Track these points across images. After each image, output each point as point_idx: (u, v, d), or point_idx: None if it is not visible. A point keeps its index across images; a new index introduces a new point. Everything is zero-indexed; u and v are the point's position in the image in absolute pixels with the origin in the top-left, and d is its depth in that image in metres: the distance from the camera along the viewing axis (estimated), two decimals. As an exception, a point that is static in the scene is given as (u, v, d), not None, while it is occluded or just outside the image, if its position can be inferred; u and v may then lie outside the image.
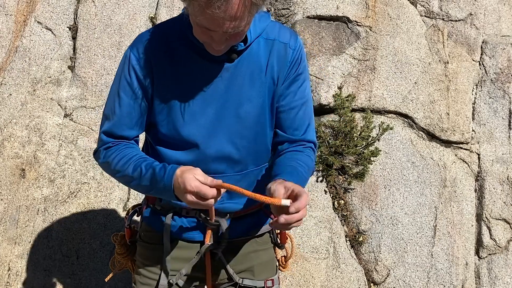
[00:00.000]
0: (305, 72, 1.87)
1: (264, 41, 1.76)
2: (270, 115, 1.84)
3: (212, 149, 1.78)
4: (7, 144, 3.26)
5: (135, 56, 1.73)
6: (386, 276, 3.65)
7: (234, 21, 1.46)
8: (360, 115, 3.79)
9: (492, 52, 4.19)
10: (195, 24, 1.54)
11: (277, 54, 1.78)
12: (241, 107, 1.77)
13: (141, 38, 1.75)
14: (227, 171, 1.83)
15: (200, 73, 1.73)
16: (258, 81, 1.77)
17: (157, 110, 1.77)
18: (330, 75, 3.85)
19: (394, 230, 3.70)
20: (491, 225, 3.91)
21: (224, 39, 1.55)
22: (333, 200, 3.71)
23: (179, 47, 1.72)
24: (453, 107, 4.01)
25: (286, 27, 1.85)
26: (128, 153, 1.78)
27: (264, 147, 1.90)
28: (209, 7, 1.41)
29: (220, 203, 1.85)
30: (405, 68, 3.95)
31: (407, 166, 3.83)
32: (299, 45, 1.82)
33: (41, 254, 3.18)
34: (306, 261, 3.52)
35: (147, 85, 1.74)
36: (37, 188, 3.25)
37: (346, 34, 3.94)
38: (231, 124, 1.78)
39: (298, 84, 1.85)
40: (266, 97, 1.80)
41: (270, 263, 2.07)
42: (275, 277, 2.05)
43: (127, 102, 1.76)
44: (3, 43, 3.42)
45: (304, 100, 1.88)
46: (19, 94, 3.36)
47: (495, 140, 4.07)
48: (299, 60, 1.82)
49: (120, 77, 1.76)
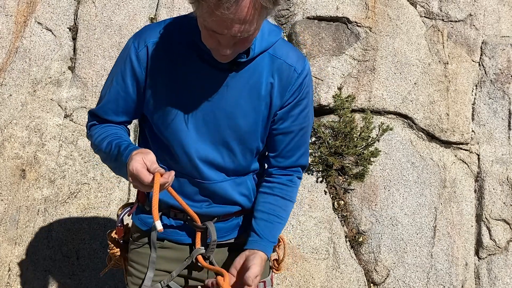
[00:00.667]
0: (309, 98, 1.83)
1: (270, 57, 1.72)
2: (263, 133, 1.82)
3: (197, 153, 1.77)
4: (7, 144, 3.27)
5: (135, 48, 1.71)
6: (386, 276, 3.66)
7: (243, 24, 1.43)
8: (360, 116, 3.80)
9: (492, 52, 4.20)
10: (203, 27, 1.51)
11: (280, 75, 1.74)
12: (233, 119, 1.75)
13: (146, 30, 1.74)
14: (213, 177, 1.83)
15: (198, 77, 1.70)
16: (256, 97, 1.74)
17: (150, 105, 1.76)
18: (330, 76, 3.85)
19: (394, 230, 3.71)
20: (491, 225, 3.92)
21: (232, 43, 1.51)
22: (333, 201, 3.72)
23: (181, 47, 1.70)
24: (452, 108, 4.02)
25: (295, 48, 1.81)
26: (107, 130, 1.81)
27: (251, 161, 1.90)
28: (218, 8, 1.38)
29: (207, 206, 1.87)
30: (405, 68, 3.96)
31: (407, 167, 3.84)
32: (306, 70, 1.78)
33: (41, 255, 3.19)
34: (306, 261, 3.52)
35: (141, 79, 1.73)
36: (37, 189, 3.25)
37: (346, 34, 3.95)
38: (220, 133, 1.76)
39: (300, 109, 1.81)
40: (261, 115, 1.77)
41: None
42: (267, 279, 2.04)
43: (116, 90, 1.77)
44: (3, 44, 3.43)
45: (304, 125, 1.86)
46: (20, 94, 3.37)
47: (494, 140, 4.08)
48: (304, 85, 1.78)
49: (118, 64, 1.77)
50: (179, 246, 1.94)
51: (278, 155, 1.89)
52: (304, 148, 1.92)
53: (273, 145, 1.88)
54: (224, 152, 1.80)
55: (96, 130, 1.83)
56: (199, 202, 1.86)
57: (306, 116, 1.84)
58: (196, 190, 1.84)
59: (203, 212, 1.87)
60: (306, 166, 1.98)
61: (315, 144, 3.69)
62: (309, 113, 1.86)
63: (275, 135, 1.85)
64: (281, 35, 1.74)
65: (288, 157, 1.89)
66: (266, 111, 1.77)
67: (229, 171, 1.85)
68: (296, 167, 1.93)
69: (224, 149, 1.80)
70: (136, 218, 1.97)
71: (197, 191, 1.85)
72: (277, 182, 1.91)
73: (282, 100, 1.77)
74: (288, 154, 1.88)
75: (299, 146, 1.89)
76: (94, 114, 1.86)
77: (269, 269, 2.09)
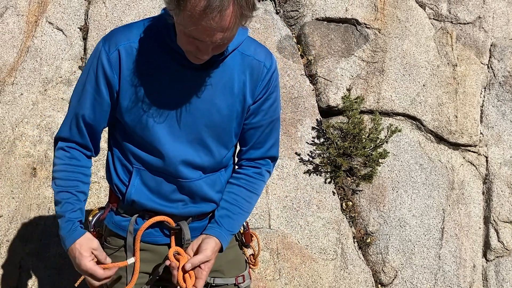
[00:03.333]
0: (277, 92, 1.89)
1: (240, 55, 1.76)
2: (237, 129, 1.86)
3: (174, 152, 1.79)
4: (19, 143, 3.29)
5: (106, 52, 1.70)
6: (394, 277, 3.66)
7: (225, 32, 1.47)
8: (369, 117, 3.81)
9: (501, 55, 4.20)
10: (182, 33, 1.53)
11: (251, 71, 1.78)
12: (209, 116, 1.78)
13: (115, 34, 1.73)
14: (190, 175, 1.85)
15: (172, 78, 1.72)
16: (229, 94, 1.77)
17: (123, 108, 1.76)
18: (339, 77, 3.86)
19: (401, 231, 3.71)
20: (499, 227, 3.92)
21: (210, 49, 1.55)
22: (341, 202, 3.72)
23: (153, 48, 1.71)
24: (461, 110, 4.02)
25: (262, 45, 1.86)
26: (68, 176, 1.82)
27: (228, 157, 1.94)
28: (203, 19, 1.41)
29: (183, 207, 1.89)
30: (414, 70, 3.97)
31: (415, 168, 3.84)
32: (274, 64, 1.84)
33: (51, 252, 3.21)
34: (314, 261, 3.53)
35: (113, 83, 1.72)
36: (48, 187, 3.27)
37: (355, 36, 3.96)
38: (196, 131, 1.79)
39: (270, 103, 1.87)
40: (235, 111, 1.81)
41: (237, 260, 2.10)
42: (245, 273, 2.08)
43: (91, 95, 1.74)
44: (15, 43, 3.45)
45: (274, 118, 1.91)
46: (30, 93, 3.39)
47: (503, 143, 4.08)
48: (272, 79, 1.83)
49: (89, 69, 1.75)
50: (156, 247, 1.95)
51: (249, 148, 1.94)
52: (274, 140, 1.97)
53: (244, 138, 1.93)
54: (200, 150, 1.83)
55: (59, 162, 1.84)
56: (175, 202, 1.88)
57: (276, 109, 1.91)
58: (173, 188, 1.86)
59: (178, 213, 1.89)
60: (276, 157, 2.02)
61: (323, 145, 3.70)
62: (278, 106, 1.92)
63: (247, 130, 1.89)
64: (248, 33, 1.78)
65: (257, 148, 1.94)
66: (240, 107, 1.81)
67: (205, 169, 1.87)
68: (266, 158, 1.98)
69: (200, 147, 1.82)
70: (109, 222, 1.97)
71: (174, 189, 1.86)
72: (244, 173, 1.96)
73: (254, 96, 1.82)
74: (258, 146, 1.94)
75: (269, 137, 1.94)
76: (69, 126, 1.83)
77: (245, 264, 2.13)
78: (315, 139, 3.74)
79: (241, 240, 2.13)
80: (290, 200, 3.59)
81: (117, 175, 1.88)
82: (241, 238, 2.13)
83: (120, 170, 1.88)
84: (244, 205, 1.95)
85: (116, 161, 1.89)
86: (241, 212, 1.94)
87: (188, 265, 1.75)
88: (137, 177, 1.85)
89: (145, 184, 1.85)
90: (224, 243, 1.87)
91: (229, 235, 1.91)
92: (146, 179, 1.85)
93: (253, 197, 1.98)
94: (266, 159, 1.99)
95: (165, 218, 1.87)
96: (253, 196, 1.98)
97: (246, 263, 2.14)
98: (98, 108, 1.77)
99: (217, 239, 1.84)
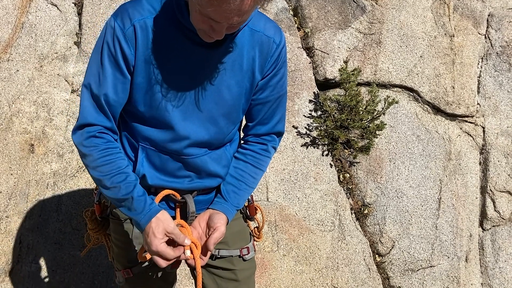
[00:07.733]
0: (285, 67, 1.90)
1: (250, 31, 1.76)
2: (245, 105, 1.87)
3: (185, 131, 1.80)
4: (16, 119, 3.29)
5: (120, 27, 1.66)
6: (391, 247, 3.70)
7: (242, 15, 1.48)
8: (366, 89, 3.80)
9: (498, 25, 4.17)
10: (197, 13, 1.52)
11: (261, 47, 1.78)
12: (219, 93, 1.78)
13: (128, 8, 1.69)
14: (196, 152, 1.86)
15: (184, 55, 1.71)
16: (239, 70, 1.78)
17: (136, 85, 1.74)
18: (336, 49, 3.84)
19: (399, 202, 3.74)
20: (495, 197, 3.95)
21: (224, 29, 1.55)
22: (339, 174, 3.74)
23: (165, 25, 1.69)
24: (458, 81, 4.01)
25: (271, 20, 1.85)
26: (112, 160, 1.75)
27: (234, 132, 1.96)
28: (224, 2, 1.41)
29: (189, 182, 1.91)
30: (411, 41, 3.94)
31: (412, 140, 3.85)
32: (283, 40, 1.84)
33: (51, 228, 3.24)
34: (312, 233, 3.56)
35: (130, 59, 1.69)
36: (46, 163, 3.29)
37: (352, 7, 3.93)
38: (207, 109, 1.80)
39: (278, 79, 1.87)
40: (244, 88, 1.81)
41: (242, 232, 2.13)
42: (249, 245, 2.11)
43: (113, 74, 1.70)
44: (9, 19, 3.43)
45: (281, 93, 1.92)
46: (26, 70, 3.38)
47: (500, 113, 4.08)
48: (281, 55, 1.84)
49: (103, 48, 1.70)
50: None
51: (255, 123, 1.96)
52: (281, 115, 1.98)
53: (251, 114, 1.94)
54: (210, 128, 1.84)
55: (97, 155, 1.75)
56: (181, 178, 1.90)
57: (283, 84, 1.92)
58: (179, 166, 1.87)
59: (184, 188, 1.92)
60: (282, 133, 2.03)
61: (320, 118, 3.70)
62: (285, 82, 1.93)
63: (254, 105, 1.90)
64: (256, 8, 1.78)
65: (264, 124, 1.96)
66: (248, 84, 1.82)
67: (212, 145, 1.89)
68: (272, 134, 1.99)
69: (210, 125, 1.83)
70: None
71: (180, 167, 1.88)
72: (250, 149, 1.98)
73: (263, 72, 1.82)
74: (265, 121, 1.95)
75: (275, 113, 1.95)
76: (93, 109, 1.75)
77: (250, 236, 2.16)
78: (312, 112, 3.74)
79: (246, 213, 2.15)
80: (288, 173, 3.61)
81: (125, 152, 1.89)
82: (246, 211, 2.15)
83: (127, 147, 1.88)
84: (250, 180, 1.98)
85: (123, 138, 1.89)
86: (247, 188, 1.98)
87: (211, 247, 1.79)
88: (143, 155, 1.86)
89: (150, 161, 1.86)
90: (230, 218, 1.90)
91: (235, 209, 1.94)
92: (152, 157, 1.86)
93: (259, 173, 2.01)
94: (272, 134, 2.00)
95: (170, 192, 1.88)
96: (259, 172, 2.00)
97: (250, 236, 2.17)
98: (120, 87, 1.73)
99: (224, 215, 1.87)
